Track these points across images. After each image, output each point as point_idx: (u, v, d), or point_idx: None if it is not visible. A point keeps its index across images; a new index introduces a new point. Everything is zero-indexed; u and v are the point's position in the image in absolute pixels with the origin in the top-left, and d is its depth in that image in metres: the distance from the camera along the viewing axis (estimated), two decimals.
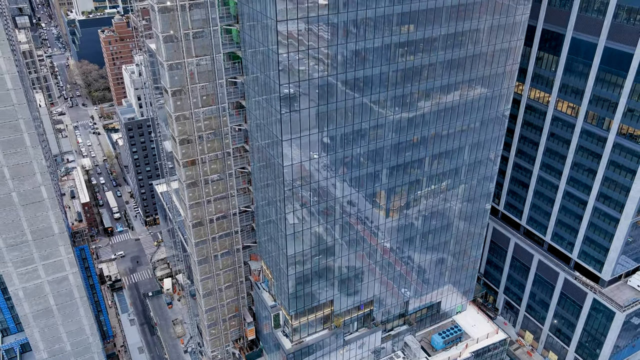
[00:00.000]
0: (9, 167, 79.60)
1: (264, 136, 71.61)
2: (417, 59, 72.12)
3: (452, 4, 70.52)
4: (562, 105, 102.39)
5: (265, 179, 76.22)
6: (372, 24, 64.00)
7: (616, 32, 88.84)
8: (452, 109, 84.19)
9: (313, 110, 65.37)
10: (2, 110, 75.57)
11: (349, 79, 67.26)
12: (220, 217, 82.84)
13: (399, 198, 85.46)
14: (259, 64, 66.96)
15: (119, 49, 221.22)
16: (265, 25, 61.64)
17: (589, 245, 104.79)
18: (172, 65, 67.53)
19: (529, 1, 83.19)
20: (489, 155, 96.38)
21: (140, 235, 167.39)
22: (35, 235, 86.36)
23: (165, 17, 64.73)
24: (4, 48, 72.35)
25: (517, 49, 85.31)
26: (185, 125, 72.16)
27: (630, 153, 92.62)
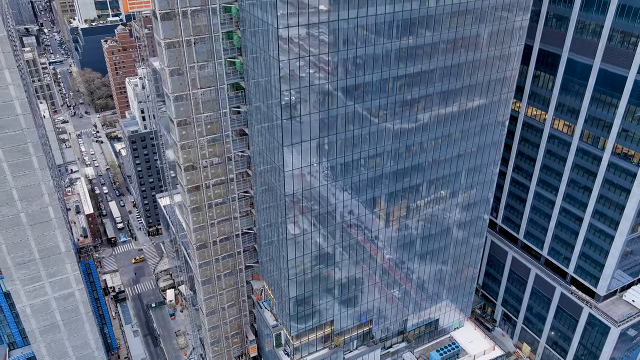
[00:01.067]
0: (17, 189, 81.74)
1: (266, 161, 73.85)
2: (414, 89, 74.49)
3: (448, 38, 72.70)
4: (558, 123, 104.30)
5: (266, 202, 78.41)
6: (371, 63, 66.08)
7: (611, 55, 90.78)
8: (449, 136, 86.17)
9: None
10: (11, 135, 77.73)
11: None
12: (223, 239, 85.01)
13: (399, 208, 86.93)
14: (262, 94, 69.28)
15: (122, 59, 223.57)
16: (268, 62, 63.89)
17: (584, 260, 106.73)
18: (177, 97, 69.85)
19: (523, 35, 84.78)
20: (487, 168, 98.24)
21: (143, 245, 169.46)
22: (42, 254, 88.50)
23: (171, 52, 66.97)
24: (14, 75, 74.49)
25: (512, 78, 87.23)
26: (190, 153, 74.43)
27: (624, 172, 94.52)
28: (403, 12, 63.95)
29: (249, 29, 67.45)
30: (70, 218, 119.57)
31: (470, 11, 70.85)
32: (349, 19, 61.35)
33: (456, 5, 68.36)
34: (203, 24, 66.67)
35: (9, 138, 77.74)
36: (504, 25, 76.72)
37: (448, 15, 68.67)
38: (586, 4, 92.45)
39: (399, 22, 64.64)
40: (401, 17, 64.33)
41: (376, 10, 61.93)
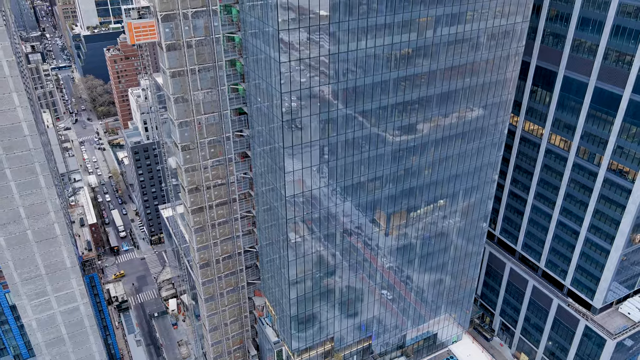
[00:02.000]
0: (24, 207, 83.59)
1: (267, 182, 75.74)
2: (412, 116, 76.65)
3: (445, 66, 74.63)
4: (555, 138, 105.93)
5: (268, 221, 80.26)
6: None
7: (606, 74, 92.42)
8: (446, 158, 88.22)
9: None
10: (19, 155, 79.57)
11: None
12: (226, 257, 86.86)
13: (401, 226, 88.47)
14: (263, 119, 71.22)
15: (125, 67, 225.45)
16: (269, 90, 65.68)
17: (581, 273, 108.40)
18: (182, 123, 71.75)
19: (518, 60, 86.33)
20: (484, 186, 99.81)
21: (145, 254, 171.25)
22: (48, 270, 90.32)
23: (176, 81, 68.78)
24: (22, 98, 76.33)
25: (508, 102, 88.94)
26: (194, 176, 76.32)
27: (620, 188, 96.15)
28: (401, 43, 65.77)
29: (251, 56, 69.32)
30: (75, 231, 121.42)
31: (467, 40, 72.67)
32: (349, 51, 63.21)
33: (453, 35, 70.15)
34: (207, 53, 68.52)
35: (17, 158, 79.57)
36: (500, 53, 78.50)
37: (445, 44, 70.47)
38: (582, 23, 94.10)
39: (397, 53, 66.42)
40: (399, 48, 66.14)
41: (375, 42, 63.80)
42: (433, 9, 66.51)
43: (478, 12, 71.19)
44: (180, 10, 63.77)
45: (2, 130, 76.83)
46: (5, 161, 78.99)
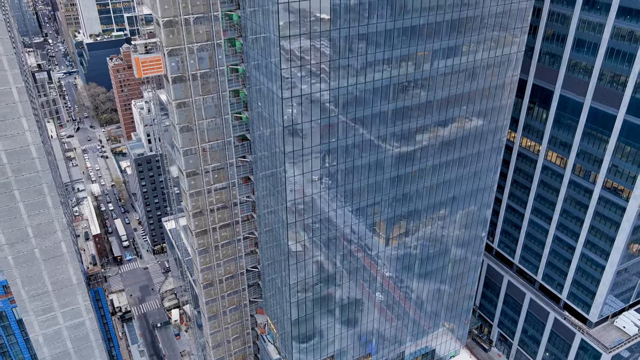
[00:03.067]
0: (32, 227, 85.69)
1: (269, 205, 77.92)
2: (410, 144, 79.14)
3: (441, 97, 77.01)
4: (551, 155, 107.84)
5: (269, 242, 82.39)
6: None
7: (601, 94, 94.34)
8: (444, 183, 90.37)
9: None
10: (27, 177, 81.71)
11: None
12: (229, 277, 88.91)
13: (398, 228, 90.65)
14: (265, 145, 73.49)
15: (127, 77, 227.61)
16: (271, 119, 67.89)
17: (577, 287, 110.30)
18: (187, 151, 73.95)
19: (513, 88, 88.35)
20: (480, 210, 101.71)
21: (148, 263, 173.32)
22: (55, 286, 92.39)
23: (181, 111, 70.96)
24: (30, 122, 78.47)
25: (503, 127, 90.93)
26: (198, 200, 78.47)
27: (614, 206, 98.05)
28: (399, 76, 67.93)
29: (254, 86, 71.53)
30: (80, 245, 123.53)
31: (463, 70, 74.76)
32: (348, 86, 65.39)
33: (449, 67, 72.27)
34: (211, 84, 70.66)
35: (25, 180, 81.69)
36: (495, 82, 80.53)
37: (442, 76, 72.62)
38: (577, 45, 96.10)
39: (395, 85, 68.57)
40: (397, 81, 68.29)
41: (374, 76, 65.97)
42: (430, 43, 68.68)
43: (474, 45, 73.30)
44: (186, 45, 65.92)
45: (11, 154, 78.91)
46: (14, 183, 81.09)
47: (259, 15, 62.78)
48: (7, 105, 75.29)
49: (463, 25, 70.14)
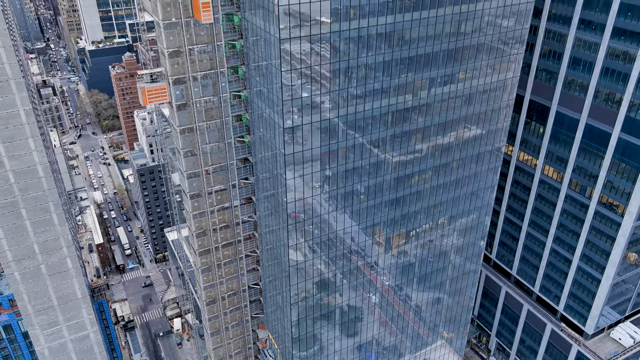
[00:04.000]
0: (38, 244, 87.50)
1: (269, 224, 79.81)
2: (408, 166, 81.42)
3: (439, 122, 79.25)
4: (548, 170, 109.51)
5: (270, 260, 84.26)
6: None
7: (596, 112, 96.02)
8: (441, 203, 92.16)
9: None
10: (34, 196, 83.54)
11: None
12: (231, 294, 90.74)
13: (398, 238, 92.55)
14: (267, 167, 75.44)
15: (129, 85, 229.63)
16: (272, 142, 70.16)
17: (573, 300, 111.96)
18: (191, 174, 75.85)
19: (509, 112, 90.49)
20: (475, 233, 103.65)
21: (150, 272, 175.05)
22: (60, 301, 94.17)
23: (186, 137, 72.92)
24: (37, 142, 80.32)
25: (500, 149, 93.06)
26: (201, 222, 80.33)
27: (610, 221, 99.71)
28: (397, 104, 69.83)
29: (256, 112, 73.51)
30: (84, 257, 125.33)
31: (460, 96, 76.63)
32: (348, 114, 67.29)
33: (446, 94, 74.14)
34: (215, 109, 72.54)
35: (32, 198, 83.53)
36: (492, 106, 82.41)
37: (439, 102, 74.54)
38: (573, 63, 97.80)
39: (393, 112, 70.51)
40: (395, 109, 70.21)
41: (372, 105, 67.91)
42: (427, 72, 70.62)
43: (471, 72, 75.15)
44: (190, 73, 67.76)
45: (18, 173, 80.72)
46: (21, 201, 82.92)
47: (261, 45, 64.66)
48: (15, 127, 77.17)
49: (459, 54, 72.05)
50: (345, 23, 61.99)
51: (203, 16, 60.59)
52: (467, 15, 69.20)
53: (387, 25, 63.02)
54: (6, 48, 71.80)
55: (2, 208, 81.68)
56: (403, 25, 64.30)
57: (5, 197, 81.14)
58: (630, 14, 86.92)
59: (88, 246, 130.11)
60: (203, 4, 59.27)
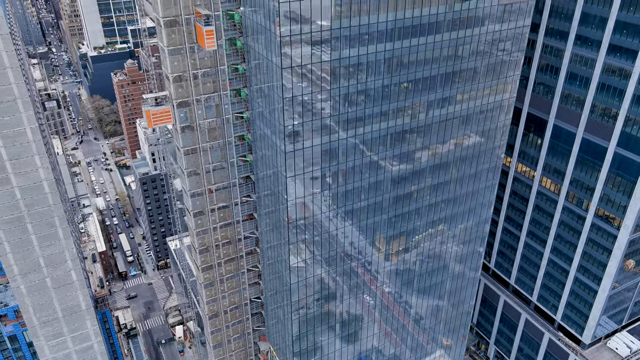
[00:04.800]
0: (44, 257, 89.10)
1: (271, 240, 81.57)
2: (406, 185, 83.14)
3: (437, 142, 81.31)
4: (545, 181, 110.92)
5: (272, 273, 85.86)
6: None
7: (592, 126, 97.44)
8: (437, 222, 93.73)
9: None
10: (40, 211, 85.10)
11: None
12: (233, 308, 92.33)
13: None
14: (268, 185, 77.23)
15: (132, 92, 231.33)
16: (275, 168, 72.24)
17: (570, 310, 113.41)
18: (194, 193, 77.42)
19: (505, 131, 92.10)
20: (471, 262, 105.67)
21: (152, 279, 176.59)
22: (65, 313, 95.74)
23: (190, 158, 74.56)
24: (43, 159, 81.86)
25: (497, 167, 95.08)
26: (204, 238, 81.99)
27: (606, 233, 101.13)
28: (396, 126, 71.49)
29: (258, 132, 75.22)
30: (87, 267, 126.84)
31: (458, 117, 78.33)
32: (348, 138, 68.88)
33: (444, 116, 75.78)
34: (218, 130, 74.16)
35: (38, 214, 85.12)
36: (489, 125, 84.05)
37: (437, 123, 76.17)
38: (570, 77, 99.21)
39: (392, 135, 72.20)
40: (395, 131, 71.91)
41: (372, 127, 69.65)
42: (425, 95, 72.37)
43: (468, 93, 76.78)
44: (194, 97, 69.35)
45: (24, 189, 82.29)
46: (27, 217, 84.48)
47: (262, 68, 66.23)
48: (22, 144, 78.73)
49: (457, 77, 73.66)
50: (346, 51, 63.86)
51: (207, 43, 62.26)
52: (464, 40, 70.83)
53: (386, 52, 64.70)
54: (14, 69, 73.31)
55: (9, 223, 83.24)
56: (402, 52, 66.01)
57: (12, 212, 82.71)
58: (625, 31, 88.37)
59: (92, 256, 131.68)
60: (207, 32, 61.02)
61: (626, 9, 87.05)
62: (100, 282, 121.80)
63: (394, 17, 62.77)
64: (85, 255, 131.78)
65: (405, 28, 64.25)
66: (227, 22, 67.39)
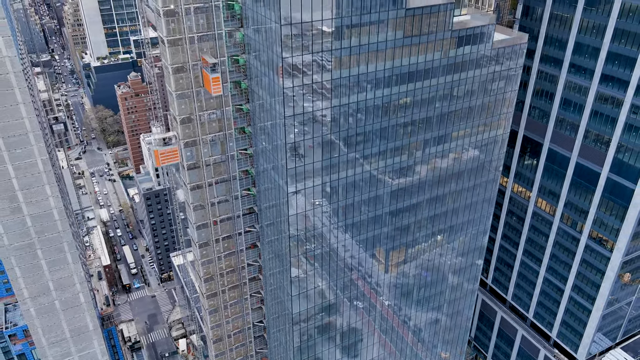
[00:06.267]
0: (53, 281, 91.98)
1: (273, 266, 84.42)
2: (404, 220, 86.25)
3: (433, 176, 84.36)
4: (541, 202, 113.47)
5: (275, 298, 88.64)
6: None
7: (586, 151, 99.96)
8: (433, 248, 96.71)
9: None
10: (50, 237, 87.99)
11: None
12: (237, 332, 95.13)
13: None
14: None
15: (135, 104, 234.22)
16: (278, 206, 75.25)
17: (565, 327, 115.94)
18: (199, 225, 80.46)
19: (499, 166, 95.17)
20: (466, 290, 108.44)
21: (156, 291, 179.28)
22: (73, 333, 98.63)
23: (196, 193, 77.46)
24: (54, 189, 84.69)
25: (491, 199, 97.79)
26: (209, 267, 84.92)
27: (599, 255, 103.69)
28: (394, 164, 74.57)
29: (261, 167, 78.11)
30: (93, 284, 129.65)
31: (453, 153, 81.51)
32: (347, 177, 72.02)
33: (440, 152, 78.96)
34: (223, 167, 77.16)
35: (48, 240, 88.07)
36: (483, 159, 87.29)
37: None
38: (564, 104, 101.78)
39: (390, 171, 75.38)
40: (392, 169, 75.09)
41: (370, 167, 72.69)
42: (422, 134, 75.43)
43: (462, 131, 79.62)
44: (200, 136, 72.18)
45: (35, 217, 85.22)
46: (37, 243, 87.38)
47: (266, 108, 69.14)
48: (33, 175, 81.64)
49: (452, 116, 76.51)
50: (345, 98, 66.99)
51: (213, 89, 65.07)
52: (459, 82, 73.68)
53: (384, 97, 67.58)
54: (26, 104, 76.21)
55: (20, 250, 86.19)
56: (399, 96, 68.88)
57: (23, 239, 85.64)
58: (617, 62, 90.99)
59: (97, 274, 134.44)
60: (213, 79, 63.80)
61: (617, 41, 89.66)
62: (106, 300, 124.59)
63: (392, 65, 65.77)
64: (91, 273, 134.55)
65: (402, 75, 67.20)
66: (232, 65, 70.41)
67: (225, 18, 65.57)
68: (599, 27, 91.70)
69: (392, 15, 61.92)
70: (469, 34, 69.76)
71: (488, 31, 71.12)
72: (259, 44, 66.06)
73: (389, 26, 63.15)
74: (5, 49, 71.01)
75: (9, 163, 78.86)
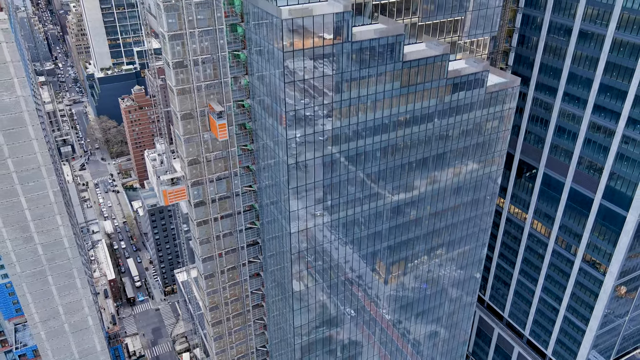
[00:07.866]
0: (62, 305, 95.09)
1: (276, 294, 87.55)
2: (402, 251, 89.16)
3: (429, 212, 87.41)
4: (536, 224, 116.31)
5: (277, 324, 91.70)
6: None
7: (580, 177, 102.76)
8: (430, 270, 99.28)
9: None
10: (60, 264, 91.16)
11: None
12: (241, 357, 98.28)
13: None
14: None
15: (139, 117, 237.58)
16: (281, 230, 78.27)
17: (560, 346, 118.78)
18: (205, 258, 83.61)
19: (494, 199, 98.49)
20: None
21: (159, 305, 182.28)
22: (81, 355, 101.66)
23: (202, 229, 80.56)
24: (64, 218, 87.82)
25: (486, 229, 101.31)
26: (214, 297, 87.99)
27: (593, 278, 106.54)
28: (392, 203, 77.85)
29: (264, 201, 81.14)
30: (100, 303, 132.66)
31: (449, 189, 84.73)
32: (347, 215, 75.20)
33: (436, 190, 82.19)
34: (228, 202, 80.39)
35: (58, 267, 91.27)
36: (478, 194, 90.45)
37: (430, 196, 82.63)
38: (559, 130, 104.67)
39: (388, 209, 78.76)
40: (390, 207, 78.32)
41: (369, 205, 75.90)
42: (418, 173, 78.72)
43: (458, 168, 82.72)
44: (207, 176, 75.33)
45: (46, 246, 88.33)
46: (48, 270, 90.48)
47: (269, 148, 72.33)
48: (45, 206, 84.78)
49: (447, 156, 79.63)
50: (345, 145, 70.18)
51: (220, 135, 68.12)
52: (453, 125, 76.79)
53: (382, 142, 70.71)
54: (38, 140, 79.35)
55: (31, 277, 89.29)
56: (396, 141, 72.03)
57: (35, 267, 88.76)
58: (609, 94, 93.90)
59: (104, 292, 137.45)
60: (220, 126, 66.84)
61: (609, 74, 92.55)
62: (113, 319, 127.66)
63: (389, 113, 68.89)
64: (98, 291, 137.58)
65: (399, 121, 70.23)
66: (237, 109, 73.75)
67: (231, 64, 68.75)
68: (592, 60, 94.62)
69: (389, 68, 65.18)
70: (463, 80, 72.93)
71: (482, 77, 74.13)
72: (263, 93, 69.54)
73: (387, 78, 66.43)
74: (20, 89, 74.15)
75: (22, 195, 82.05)
